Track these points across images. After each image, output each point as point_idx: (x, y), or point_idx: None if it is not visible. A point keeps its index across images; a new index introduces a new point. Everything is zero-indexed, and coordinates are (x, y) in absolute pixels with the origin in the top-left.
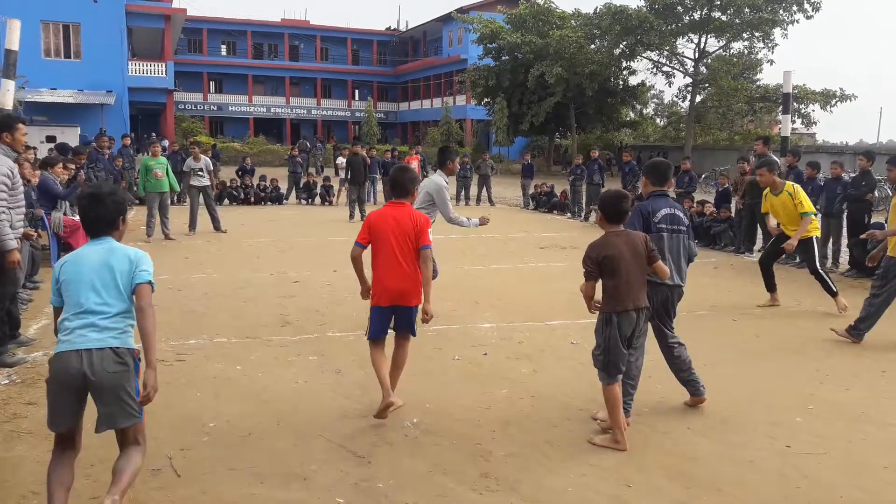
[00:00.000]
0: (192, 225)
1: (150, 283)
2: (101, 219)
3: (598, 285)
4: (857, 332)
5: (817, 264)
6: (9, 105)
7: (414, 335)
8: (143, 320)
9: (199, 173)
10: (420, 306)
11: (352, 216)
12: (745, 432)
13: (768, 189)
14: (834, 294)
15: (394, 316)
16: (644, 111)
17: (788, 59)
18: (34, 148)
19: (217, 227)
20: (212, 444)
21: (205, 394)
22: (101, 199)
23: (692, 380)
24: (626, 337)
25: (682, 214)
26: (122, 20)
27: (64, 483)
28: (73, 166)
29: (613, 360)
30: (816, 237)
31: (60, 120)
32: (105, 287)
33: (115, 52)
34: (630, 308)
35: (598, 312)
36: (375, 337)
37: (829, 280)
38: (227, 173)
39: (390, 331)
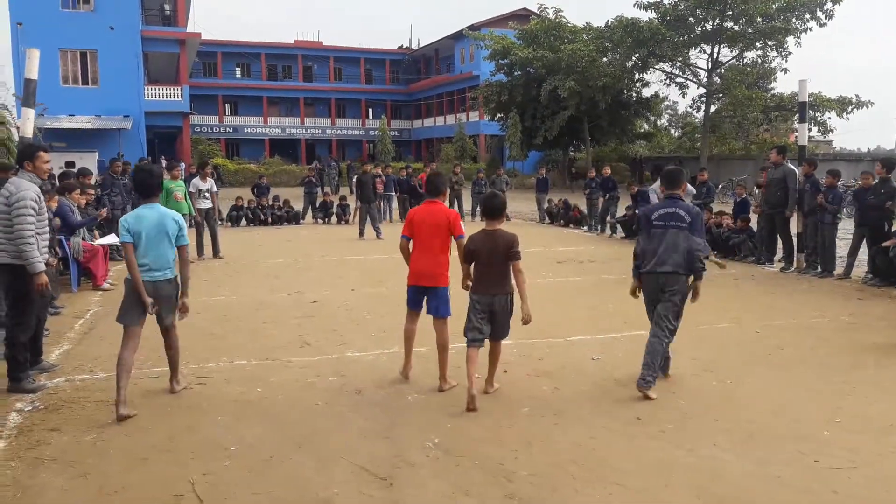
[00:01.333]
0: (200, 249)
1: (187, 244)
2: (150, 187)
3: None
4: None
5: None
6: (29, 133)
7: (448, 314)
8: (184, 268)
9: (205, 194)
10: (448, 287)
11: (361, 234)
12: (772, 447)
13: None
14: None
15: (426, 297)
16: (658, 122)
17: (803, 66)
18: (55, 176)
19: (216, 253)
20: (234, 468)
21: (226, 417)
22: (150, 173)
23: (647, 364)
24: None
25: (682, 212)
26: (137, 46)
27: (128, 368)
28: (91, 192)
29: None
30: None
31: (79, 146)
32: (161, 243)
33: (132, 77)
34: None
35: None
36: (411, 308)
37: None
38: (243, 193)
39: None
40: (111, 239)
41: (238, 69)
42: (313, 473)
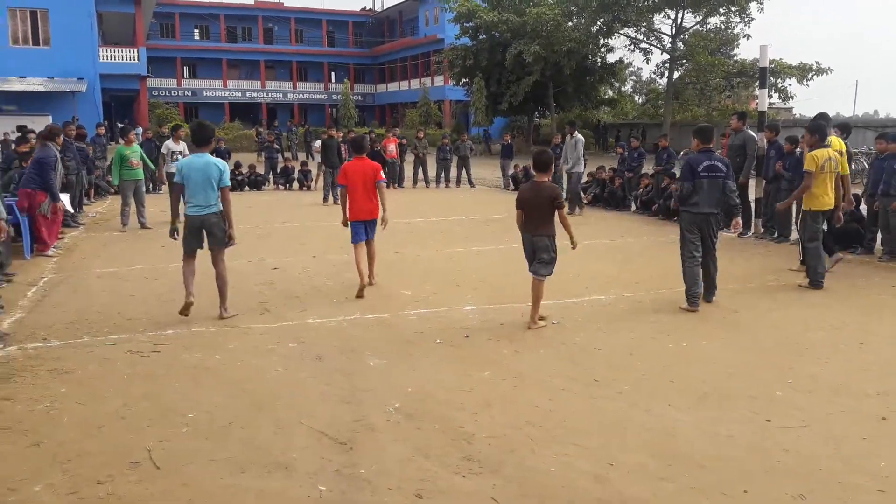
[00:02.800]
0: (176, 214)
1: (228, 185)
2: (203, 138)
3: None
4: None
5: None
6: None
7: (372, 237)
8: (226, 204)
9: (178, 157)
10: (378, 219)
11: (325, 199)
12: (725, 407)
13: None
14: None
15: (365, 227)
16: (622, 89)
17: (766, 32)
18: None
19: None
20: (192, 435)
21: (184, 384)
22: (205, 126)
23: (708, 286)
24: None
25: (720, 164)
26: (90, 5)
27: (193, 273)
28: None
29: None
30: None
31: (31, 109)
32: (206, 185)
33: (86, 38)
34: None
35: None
36: (357, 240)
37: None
38: None
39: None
40: (66, 202)
41: (196, 31)
42: (272, 438)
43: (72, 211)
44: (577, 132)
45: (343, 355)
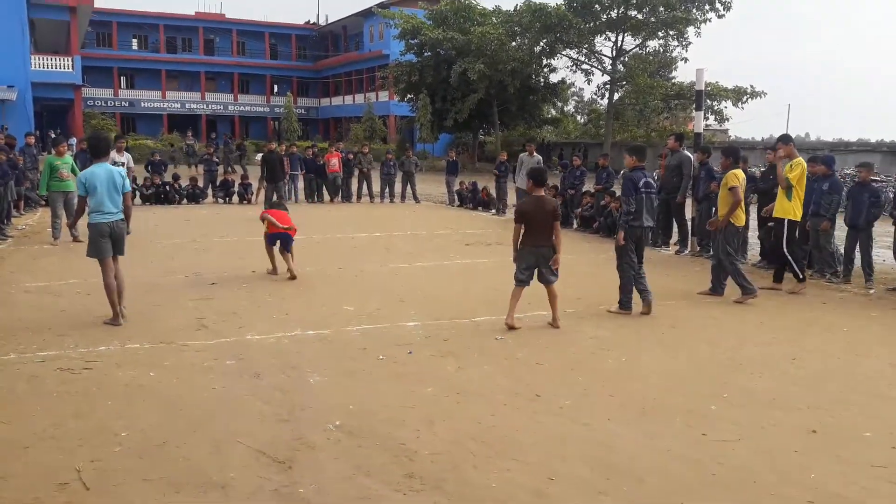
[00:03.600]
0: None
1: (129, 190)
2: (102, 149)
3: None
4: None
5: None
6: None
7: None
8: (127, 207)
9: (121, 168)
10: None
11: None
12: (663, 422)
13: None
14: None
15: (279, 240)
16: (565, 108)
17: (702, 57)
18: None
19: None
20: (124, 454)
21: (116, 402)
22: (102, 138)
23: (643, 290)
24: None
25: (652, 181)
26: (22, 11)
27: (113, 289)
28: None
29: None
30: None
31: None
32: (111, 192)
33: (16, 45)
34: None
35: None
36: (273, 244)
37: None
38: (138, 171)
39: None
40: None
41: (135, 40)
42: (209, 458)
43: None
44: (535, 151)
45: (283, 373)
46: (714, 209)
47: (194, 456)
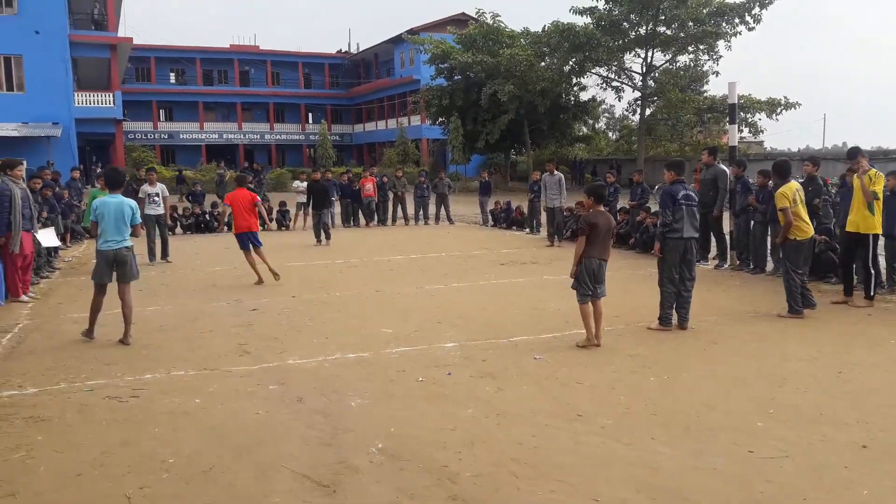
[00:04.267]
0: (152, 254)
1: (139, 222)
2: (117, 182)
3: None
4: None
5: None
6: None
7: (260, 244)
8: (136, 235)
9: (155, 199)
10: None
11: (318, 240)
12: (707, 440)
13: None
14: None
15: (249, 238)
16: (596, 126)
17: (734, 68)
18: None
19: (165, 255)
20: (171, 480)
21: (163, 429)
22: (118, 171)
23: (682, 311)
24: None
25: (692, 194)
26: (65, 51)
27: (99, 309)
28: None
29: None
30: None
31: (4, 153)
32: (119, 223)
33: (60, 83)
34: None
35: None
36: (245, 248)
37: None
38: (178, 201)
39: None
40: (50, 238)
41: (172, 74)
42: (254, 483)
43: (57, 244)
44: (556, 170)
45: (324, 396)
46: (752, 223)
47: (239, 481)
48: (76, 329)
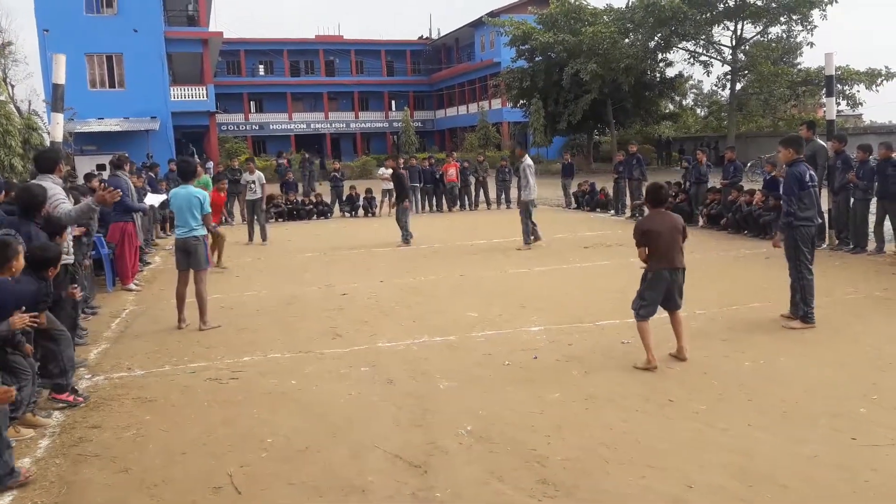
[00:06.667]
0: (251, 236)
1: (209, 212)
2: (187, 173)
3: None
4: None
5: None
6: (59, 138)
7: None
8: (207, 225)
9: (252, 185)
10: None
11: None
12: (806, 426)
13: None
14: None
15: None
16: (683, 102)
17: (830, 39)
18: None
19: (264, 238)
20: (270, 459)
21: (261, 410)
22: (188, 162)
23: (796, 303)
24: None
25: (813, 173)
26: (161, 47)
27: (184, 296)
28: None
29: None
30: None
31: (108, 148)
32: (187, 212)
33: (157, 78)
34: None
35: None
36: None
37: None
38: (272, 189)
39: None
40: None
41: (261, 66)
42: (348, 462)
43: (155, 205)
44: (527, 156)
45: (413, 379)
46: (852, 200)
47: (334, 460)
48: (176, 314)
